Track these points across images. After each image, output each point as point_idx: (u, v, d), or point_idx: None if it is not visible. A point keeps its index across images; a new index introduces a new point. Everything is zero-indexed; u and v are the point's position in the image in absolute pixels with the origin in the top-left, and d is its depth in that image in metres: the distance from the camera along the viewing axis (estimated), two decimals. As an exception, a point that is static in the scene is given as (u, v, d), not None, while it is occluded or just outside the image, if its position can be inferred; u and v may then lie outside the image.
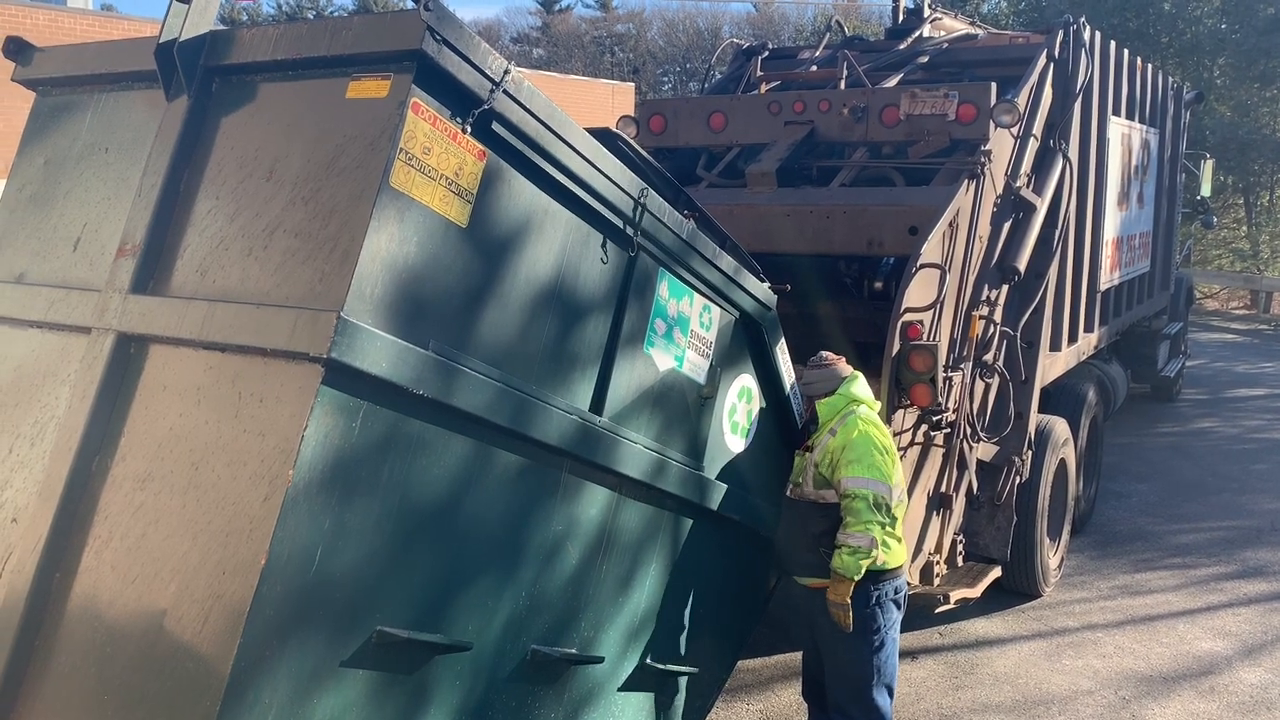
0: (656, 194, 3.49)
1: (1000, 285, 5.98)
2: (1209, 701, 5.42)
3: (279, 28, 2.96)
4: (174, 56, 3.00)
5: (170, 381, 2.85)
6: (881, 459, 4.08)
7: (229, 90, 3.06)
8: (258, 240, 2.80)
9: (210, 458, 2.69)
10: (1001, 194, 5.97)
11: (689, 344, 3.80)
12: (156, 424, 2.84)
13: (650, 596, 3.87)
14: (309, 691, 2.65)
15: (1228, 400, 13.04)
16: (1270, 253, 22.87)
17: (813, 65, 7.93)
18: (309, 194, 2.74)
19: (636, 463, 3.58)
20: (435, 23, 2.62)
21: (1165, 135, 10.08)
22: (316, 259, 2.65)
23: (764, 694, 5.46)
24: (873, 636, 4.14)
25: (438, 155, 2.74)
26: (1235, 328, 19.77)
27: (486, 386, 2.94)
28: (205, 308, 2.76)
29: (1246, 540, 7.86)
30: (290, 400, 2.56)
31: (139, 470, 2.83)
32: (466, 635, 3.10)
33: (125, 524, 2.79)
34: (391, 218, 2.64)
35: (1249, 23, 20.88)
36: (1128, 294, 9.30)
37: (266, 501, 2.52)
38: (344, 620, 2.72)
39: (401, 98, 2.65)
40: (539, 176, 3.07)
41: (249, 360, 2.68)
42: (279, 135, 2.90)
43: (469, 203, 2.85)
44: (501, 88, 2.83)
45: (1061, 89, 6.78)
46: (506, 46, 55.43)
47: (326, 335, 2.49)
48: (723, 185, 6.49)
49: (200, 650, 2.53)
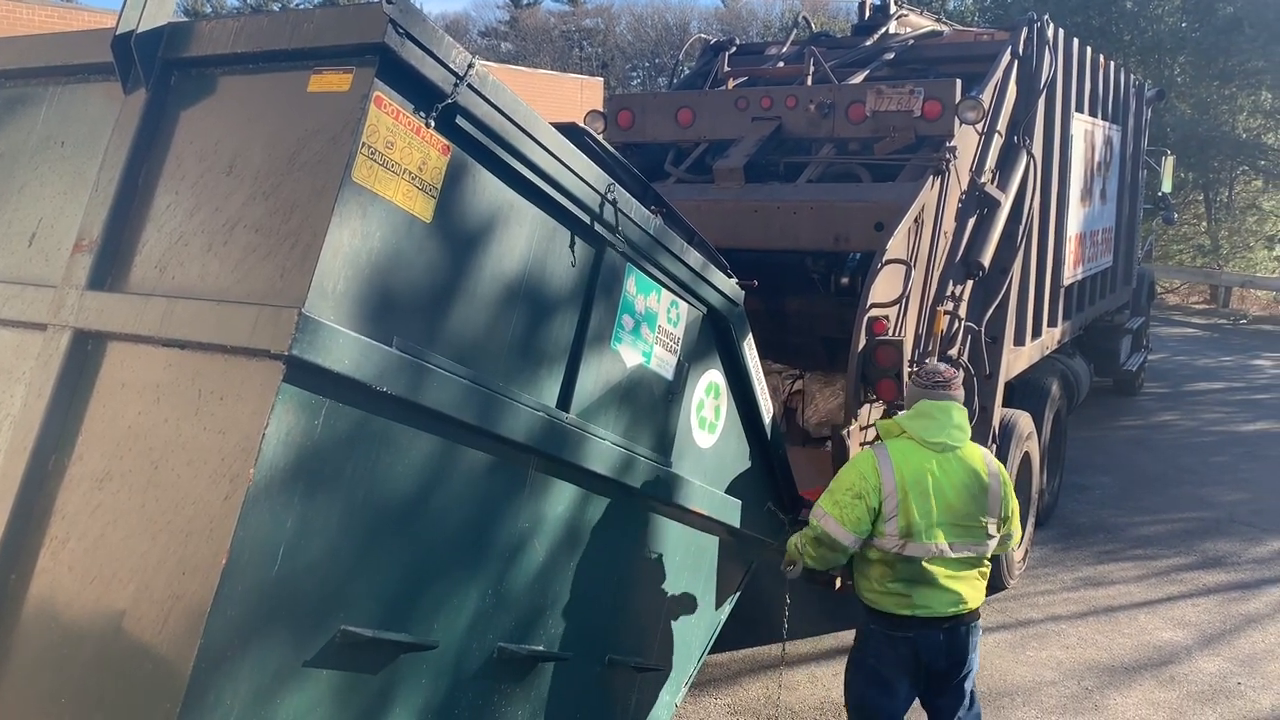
0: (623, 189, 3.48)
1: (965, 281, 6.02)
2: (1169, 690, 5.50)
3: (239, 20, 2.88)
4: (131, 48, 2.95)
5: (129, 379, 2.80)
6: (847, 500, 3.80)
7: (188, 83, 3.00)
8: (218, 236, 2.75)
9: (170, 456, 2.65)
10: (966, 190, 6.02)
11: (657, 340, 3.79)
12: (115, 422, 2.79)
13: (618, 593, 3.86)
14: (272, 692, 2.62)
15: (1188, 394, 13.24)
16: (1229, 248, 23.23)
17: (780, 61, 7.95)
18: (270, 189, 2.70)
19: (604, 459, 3.56)
20: (398, 16, 2.59)
21: (1127, 132, 10.20)
22: (278, 255, 2.61)
23: (732, 688, 5.48)
24: (855, 652, 4.08)
25: (401, 150, 2.71)
26: (1195, 322, 20.08)
27: (452, 383, 2.91)
28: (164, 304, 2.71)
29: (1206, 532, 7.98)
30: (251, 398, 2.53)
31: (97, 469, 2.78)
32: (432, 634, 3.08)
33: (83, 524, 2.75)
34: (354, 213, 2.60)
35: (1209, 21, 21.17)
36: (1091, 289, 9.40)
37: (227, 500, 2.48)
38: (307, 620, 2.69)
39: (364, 91, 2.61)
40: (505, 171, 3.03)
41: (209, 357, 2.63)
42: (239, 129, 2.84)
43: (433, 198, 2.82)
44: (465, 82, 2.79)
45: (1025, 86, 6.83)
46: (474, 40, 55.14)
47: (288, 332, 2.45)
48: (690, 181, 6.49)
49: (160, 651, 2.49)
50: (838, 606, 6.21)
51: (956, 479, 3.83)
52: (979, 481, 3.87)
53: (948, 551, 3.80)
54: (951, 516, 3.81)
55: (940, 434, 3.86)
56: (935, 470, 3.82)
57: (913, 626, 3.84)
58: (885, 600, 3.87)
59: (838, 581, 5.29)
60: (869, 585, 3.92)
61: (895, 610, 3.85)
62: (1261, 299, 22.36)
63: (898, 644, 3.88)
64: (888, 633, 3.89)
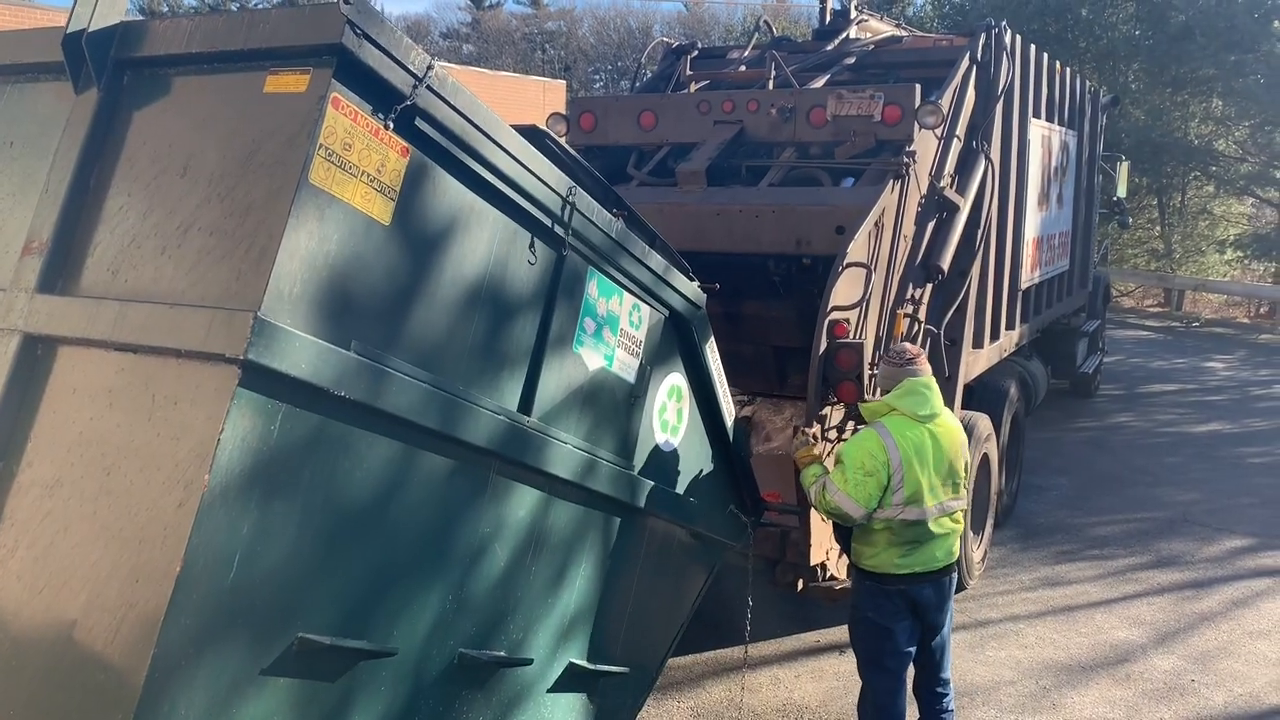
0: (585, 192, 3.46)
1: (924, 284, 6.08)
2: (1125, 689, 5.58)
3: (194, 20, 2.84)
4: (82, 48, 2.89)
5: (80, 384, 2.74)
6: (859, 479, 4.16)
7: (141, 83, 2.94)
8: (171, 238, 2.70)
9: (122, 462, 2.59)
10: (926, 194, 6.07)
11: (619, 343, 3.78)
12: (66, 428, 2.73)
13: (580, 596, 3.85)
14: (228, 701, 2.58)
15: (1143, 395, 13.45)
16: (1182, 252, 23.66)
17: (741, 65, 7.98)
18: (225, 191, 2.65)
19: (565, 463, 3.55)
20: (356, 17, 2.55)
21: (1083, 137, 10.35)
22: (233, 257, 2.57)
23: (695, 691, 5.48)
24: (854, 612, 4.51)
25: (359, 151, 2.67)
26: (1150, 325, 20.42)
27: (411, 387, 2.88)
28: (117, 308, 2.66)
29: (1160, 531, 8.11)
30: (206, 402, 2.49)
31: (47, 475, 2.72)
32: (392, 640, 3.04)
33: (33, 531, 2.69)
34: (311, 215, 2.56)
35: (1161, 29, 21.53)
36: (1048, 292, 9.53)
37: (181, 507, 2.44)
38: (264, 627, 2.65)
39: (321, 93, 2.57)
40: (465, 174, 3.00)
41: (163, 362, 2.58)
42: (194, 130, 2.80)
43: (392, 200, 2.78)
44: (425, 83, 2.76)
45: (984, 91, 6.91)
46: (436, 42, 54.85)
47: (243, 336, 2.41)
48: (653, 184, 6.49)
49: (112, 661, 2.44)
50: (799, 609, 6.24)
51: (944, 443, 4.31)
52: (956, 442, 4.38)
53: (941, 510, 4.29)
54: (941, 477, 4.29)
55: (926, 407, 4.30)
56: (927, 440, 4.25)
57: (906, 580, 4.30)
58: (886, 563, 4.29)
59: (800, 583, 5.31)
60: (871, 551, 4.31)
61: (895, 570, 4.29)
62: (1213, 302, 22.80)
63: (893, 596, 4.33)
64: (883, 587, 4.32)
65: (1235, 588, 7.01)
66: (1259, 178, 22.67)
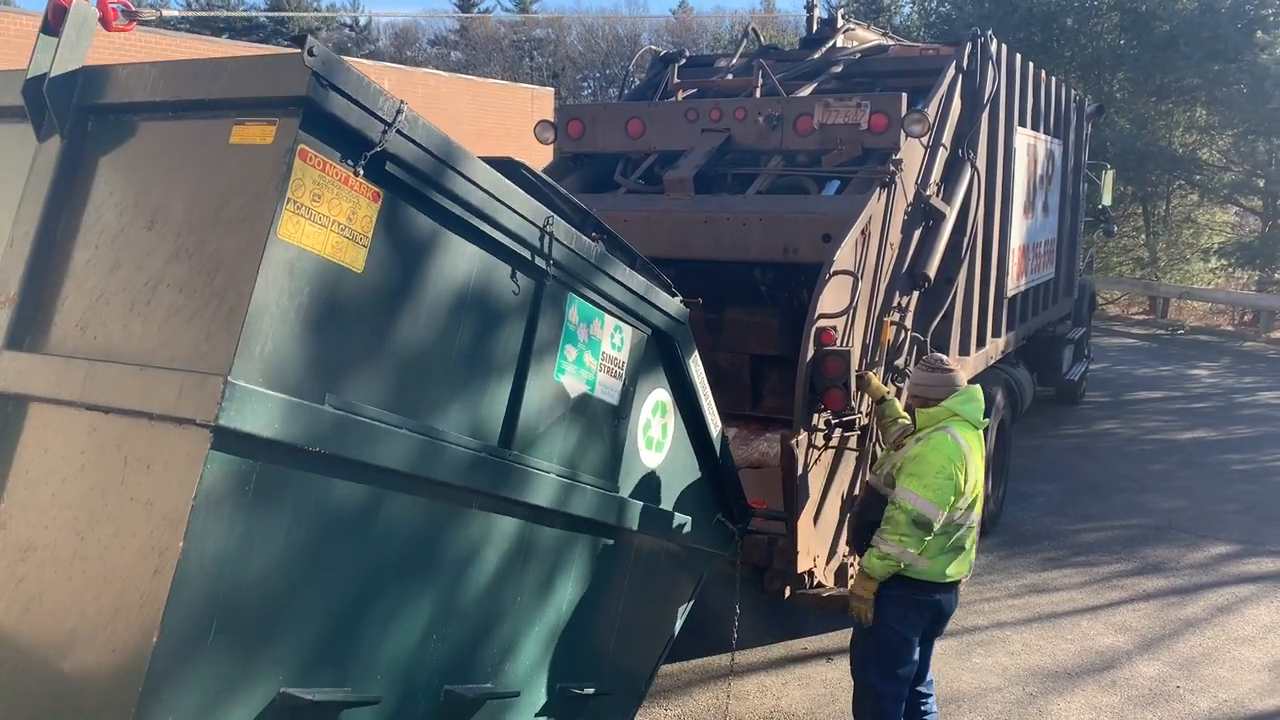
0: (563, 220, 3.40)
1: (911, 291, 6.10)
2: (1111, 695, 5.60)
3: (156, 66, 2.76)
4: (43, 95, 2.79)
5: (52, 444, 2.67)
6: (937, 481, 4.18)
7: (105, 130, 2.87)
8: (140, 295, 2.64)
9: (96, 527, 2.52)
10: (912, 202, 6.09)
11: (601, 366, 3.72)
12: (38, 489, 2.66)
13: (566, 621, 3.80)
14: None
15: (1128, 403, 13.52)
16: (1167, 260, 23.80)
17: (729, 74, 8.01)
18: (193, 246, 2.60)
19: (547, 492, 3.50)
20: (320, 67, 2.48)
21: (1068, 146, 10.41)
22: (202, 316, 2.52)
23: (682, 698, 5.47)
24: (876, 627, 4.38)
25: (328, 201, 2.61)
26: (1135, 332, 20.53)
27: (388, 435, 2.82)
28: (86, 367, 2.60)
29: (1145, 538, 8.15)
30: (178, 466, 2.43)
31: (21, 539, 2.65)
32: (377, 685, 2.98)
33: (6, 598, 2.62)
34: (281, 271, 2.50)
35: (1146, 39, 21.69)
36: (1034, 300, 9.57)
37: (157, 575, 2.38)
38: (245, 687, 2.59)
39: (288, 145, 2.50)
40: (438, 213, 2.95)
41: (134, 423, 2.52)
42: (160, 181, 2.74)
43: (364, 247, 2.72)
44: (394, 128, 2.69)
45: (970, 100, 6.95)
46: (424, 49, 54.82)
47: (214, 400, 2.37)
48: (640, 191, 6.51)
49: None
50: (786, 616, 6.24)
51: (985, 453, 4.46)
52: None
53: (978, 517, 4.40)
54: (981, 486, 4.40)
55: (981, 415, 4.43)
56: (979, 446, 4.38)
57: (940, 589, 4.36)
58: (937, 572, 4.32)
59: (787, 591, 5.31)
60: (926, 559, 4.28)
61: (943, 579, 4.33)
62: (1198, 310, 22.95)
63: (923, 606, 4.37)
64: (915, 598, 4.34)
65: (1220, 594, 7.05)
66: (1242, 186, 22.84)
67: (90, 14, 2.88)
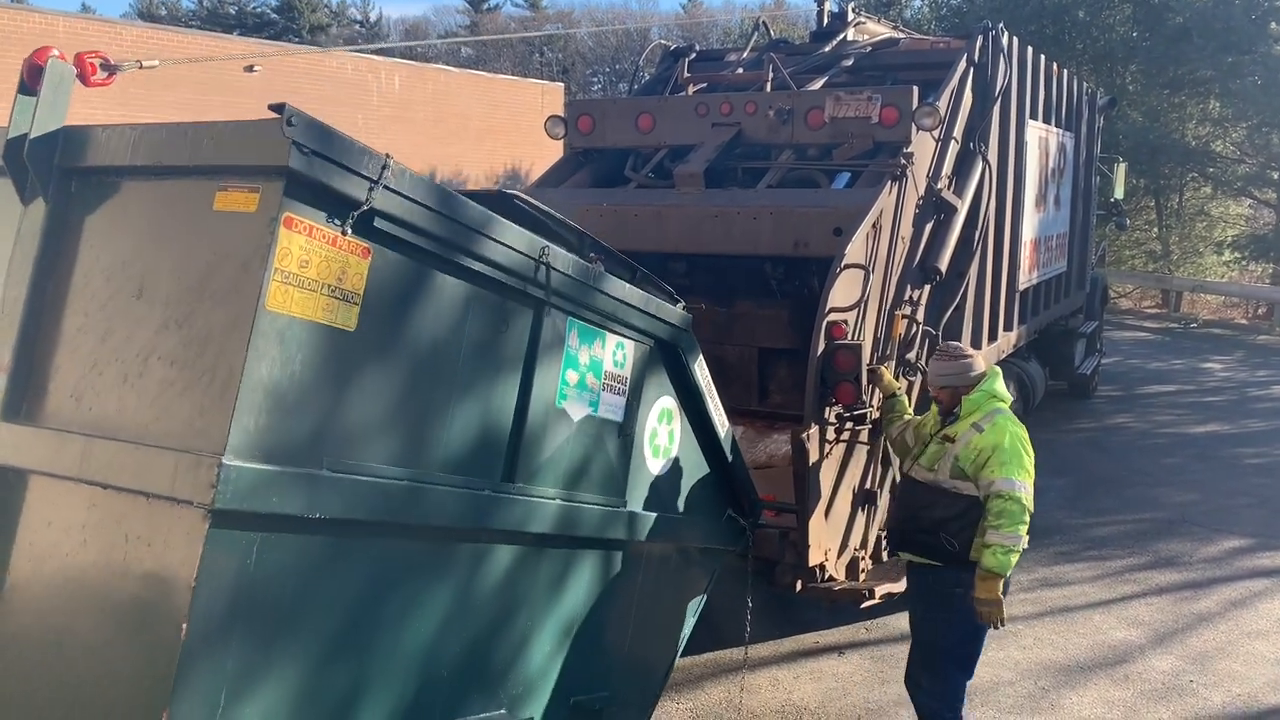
0: (559, 247, 3.36)
1: (922, 285, 6.09)
2: (1123, 689, 5.58)
3: (136, 130, 2.71)
4: (24, 159, 2.74)
5: (54, 518, 2.65)
6: (1029, 463, 4.23)
7: (89, 191, 2.82)
8: (132, 366, 2.61)
9: (100, 609, 2.53)
10: (923, 196, 6.08)
11: (603, 386, 3.68)
12: (43, 565, 2.65)
13: (579, 638, 3.77)
14: None
15: (1140, 397, 13.46)
16: (1180, 253, 23.68)
17: (739, 68, 7.99)
18: (182, 317, 2.57)
19: (553, 520, 3.48)
20: (302, 136, 2.43)
21: (1080, 139, 10.37)
22: (194, 391, 2.49)
23: (694, 692, 5.48)
24: (955, 615, 4.31)
25: (317, 266, 2.55)
26: (1148, 326, 20.43)
27: (389, 489, 2.80)
28: (83, 443, 2.57)
29: (1158, 532, 8.12)
30: (178, 545, 2.41)
31: (27, 617, 2.65)
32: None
33: (10, 686, 2.62)
34: (271, 342, 2.47)
35: (1158, 31, 21.57)
36: (1045, 293, 9.54)
37: (163, 658, 2.38)
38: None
39: (272, 214, 2.45)
40: (430, 259, 2.90)
41: (133, 499, 2.49)
42: (146, 246, 2.71)
43: (356, 304, 2.68)
44: (380, 184, 2.64)
45: (981, 93, 6.93)
46: (434, 44, 54.79)
47: (209, 483, 2.34)
48: (651, 185, 6.51)
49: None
50: (799, 611, 6.25)
51: None
52: None
53: None
54: None
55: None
56: None
57: None
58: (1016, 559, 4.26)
59: (799, 584, 5.32)
60: None
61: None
62: (1211, 303, 22.82)
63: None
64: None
65: (1233, 588, 7.02)
66: (1256, 179, 22.71)
67: (67, 72, 2.82)
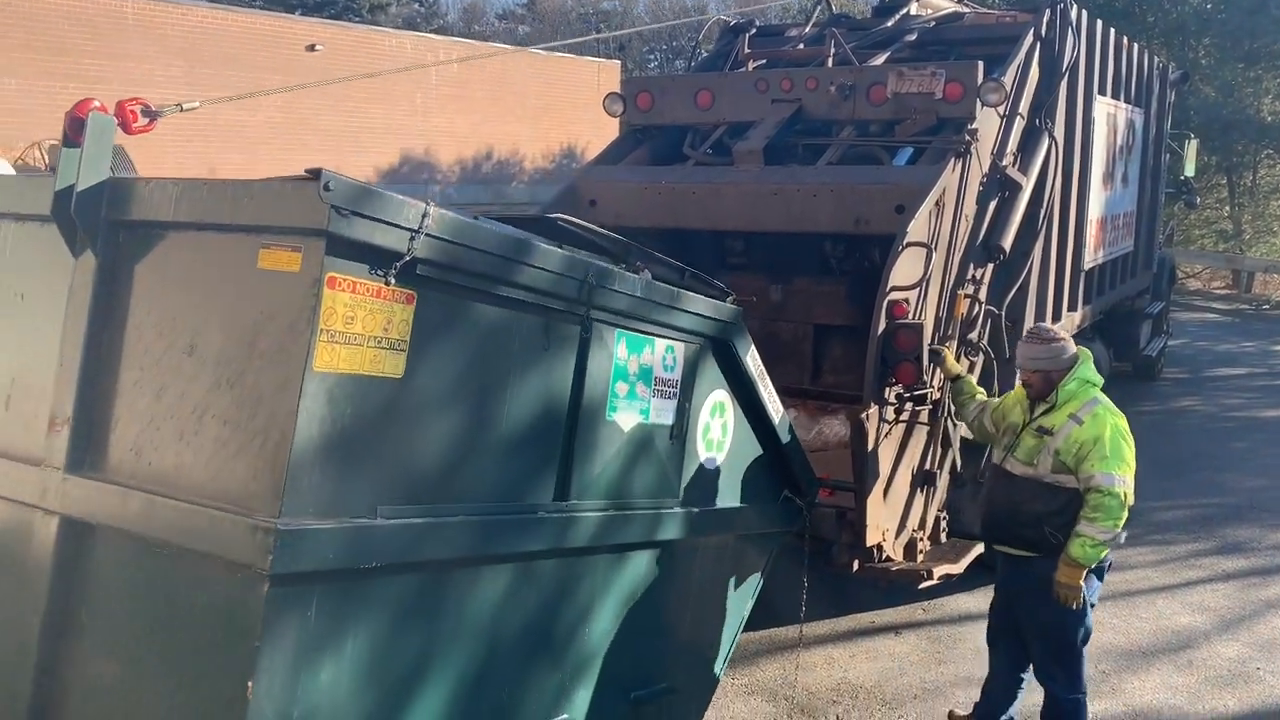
0: (604, 261, 3.36)
1: (985, 264, 6.00)
2: (1187, 675, 5.50)
3: (179, 185, 2.76)
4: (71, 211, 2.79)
5: (119, 573, 2.74)
6: (1130, 455, 4.19)
7: (137, 244, 2.86)
8: (188, 423, 2.68)
9: (167, 672, 2.61)
10: (987, 173, 5.99)
11: (654, 392, 3.66)
12: (113, 621, 2.73)
13: (637, 638, 3.79)
14: None
15: (1208, 379, 13.15)
16: (1253, 233, 23.04)
17: (800, 43, 7.91)
18: (234, 377, 2.62)
19: (608, 531, 3.50)
20: (339, 200, 2.46)
21: (1150, 115, 10.12)
22: (247, 453, 2.54)
23: (749, 668, 5.51)
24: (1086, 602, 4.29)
25: (362, 320, 2.58)
26: (1217, 307, 19.93)
27: (443, 529, 2.85)
28: (144, 500, 2.65)
29: (1225, 517, 7.95)
30: (239, 606, 2.48)
31: (95, 672, 2.74)
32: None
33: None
34: (320, 402, 2.51)
35: (1235, 2, 20.91)
36: (1111, 273, 9.36)
37: (233, 714, 2.45)
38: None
39: (315, 275, 2.49)
40: (475, 295, 2.91)
41: (195, 557, 2.57)
42: (195, 302, 2.76)
43: (402, 352, 2.70)
44: (422, 233, 2.65)
45: (1048, 68, 6.79)
46: (491, 23, 55.01)
47: (266, 549, 2.40)
48: (709, 163, 6.49)
49: None
50: (855, 590, 6.23)
51: None
52: None
53: None
54: None
55: None
56: None
57: None
58: None
59: (856, 564, 5.30)
60: None
61: None
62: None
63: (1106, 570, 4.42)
64: (1101, 567, 4.31)
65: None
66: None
67: (108, 124, 2.88)
